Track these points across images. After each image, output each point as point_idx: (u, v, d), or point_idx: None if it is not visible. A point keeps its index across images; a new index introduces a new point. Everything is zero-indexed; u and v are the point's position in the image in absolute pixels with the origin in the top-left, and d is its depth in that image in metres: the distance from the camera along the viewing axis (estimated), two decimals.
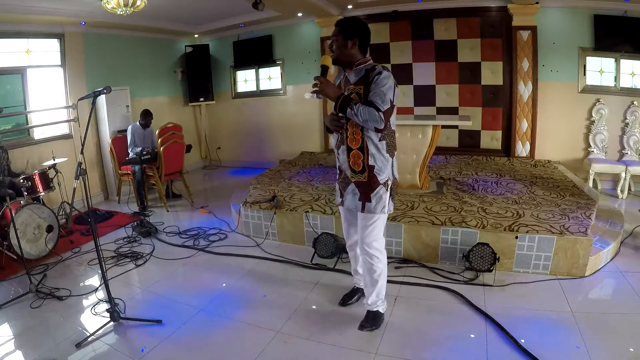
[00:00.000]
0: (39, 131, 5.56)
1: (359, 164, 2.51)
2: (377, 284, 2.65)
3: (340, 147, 2.59)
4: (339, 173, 2.70)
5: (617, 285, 3.19)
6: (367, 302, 2.72)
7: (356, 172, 2.54)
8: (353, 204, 2.59)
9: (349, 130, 2.49)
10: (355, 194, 2.56)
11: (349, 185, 2.60)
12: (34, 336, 2.78)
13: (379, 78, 2.35)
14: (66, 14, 5.18)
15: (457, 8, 6.18)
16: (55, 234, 4.17)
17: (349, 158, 2.54)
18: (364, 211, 2.53)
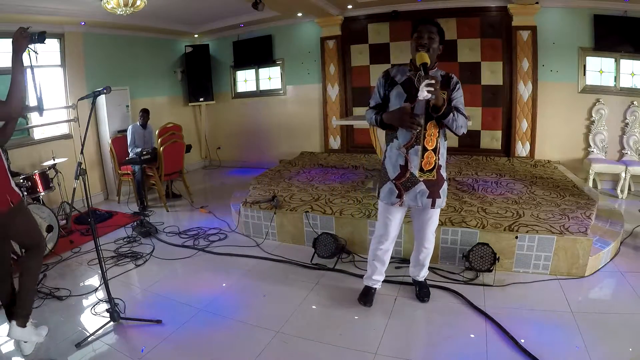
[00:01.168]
0: (39, 131, 5.56)
1: (430, 164, 2.57)
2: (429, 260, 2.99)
3: (414, 147, 2.55)
4: (400, 173, 2.62)
5: (617, 285, 3.19)
6: (420, 275, 3.06)
7: (425, 171, 2.58)
8: (420, 202, 2.64)
9: (427, 132, 2.52)
10: (424, 193, 2.62)
11: (415, 184, 2.61)
12: None
13: (459, 86, 2.55)
14: (66, 14, 5.18)
15: (457, 8, 6.18)
16: (55, 234, 4.17)
17: (422, 158, 2.56)
18: (434, 207, 2.67)
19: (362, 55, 6.96)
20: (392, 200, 2.67)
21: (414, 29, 2.53)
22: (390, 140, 2.64)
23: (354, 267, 3.62)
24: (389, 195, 2.68)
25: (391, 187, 2.66)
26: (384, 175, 2.72)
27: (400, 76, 2.56)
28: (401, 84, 2.54)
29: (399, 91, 2.54)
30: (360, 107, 7.11)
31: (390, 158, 2.64)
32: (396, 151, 2.60)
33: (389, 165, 2.66)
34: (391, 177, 2.65)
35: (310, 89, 7.39)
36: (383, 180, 2.72)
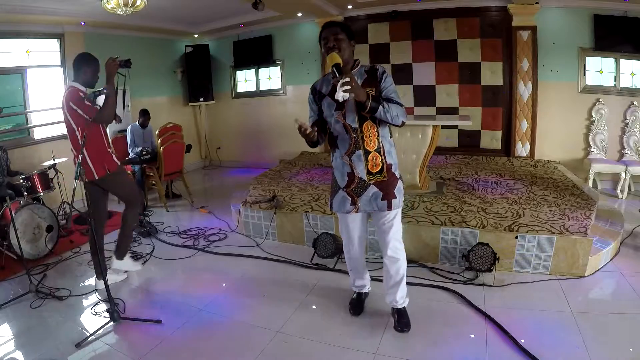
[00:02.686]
0: (39, 131, 5.56)
1: (377, 165, 2.48)
2: (404, 279, 2.72)
3: (355, 153, 2.47)
4: (348, 180, 2.54)
5: (617, 285, 3.19)
6: (397, 300, 2.73)
7: (374, 173, 2.48)
8: (375, 205, 2.53)
9: (364, 134, 2.43)
10: (378, 195, 2.51)
11: (366, 189, 2.51)
12: (34, 336, 2.78)
13: (386, 76, 2.43)
14: (66, 14, 5.18)
15: (457, 8, 6.18)
16: (55, 234, 4.18)
17: (367, 162, 2.47)
18: (391, 209, 2.53)
19: (362, 56, 6.94)
20: (347, 208, 2.58)
21: (319, 36, 2.51)
22: (332, 149, 2.58)
23: None
24: (342, 204, 2.59)
25: (343, 195, 2.57)
26: (334, 184, 2.63)
27: (325, 86, 2.51)
28: (328, 94, 2.47)
29: (328, 102, 2.46)
30: None
31: (337, 167, 2.57)
32: (340, 160, 2.53)
33: (337, 174, 2.58)
34: (341, 186, 2.57)
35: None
36: (334, 190, 2.63)
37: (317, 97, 2.54)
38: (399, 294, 2.72)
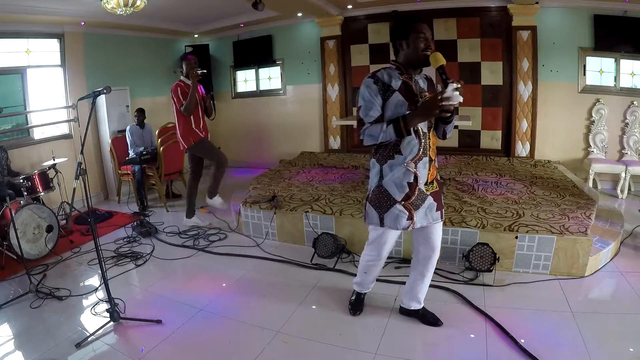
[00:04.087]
0: (38, 131, 5.56)
1: (433, 174, 2.39)
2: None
3: (422, 160, 2.30)
4: (408, 192, 2.33)
5: (617, 285, 3.19)
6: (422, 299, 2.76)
7: (429, 183, 2.37)
8: (430, 217, 2.42)
9: (431, 140, 2.33)
10: (432, 207, 2.41)
11: (424, 200, 2.37)
12: (34, 336, 2.78)
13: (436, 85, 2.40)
14: (66, 14, 5.18)
15: (457, 8, 6.18)
16: (55, 234, 4.18)
17: (429, 170, 2.34)
18: (442, 218, 2.49)
19: (362, 56, 6.96)
20: (403, 224, 2.37)
21: (409, 28, 2.23)
22: (389, 156, 2.32)
23: (353, 267, 3.61)
24: (397, 220, 2.36)
25: (400, 210, 2.35)
26: (384, 198, 2.36)
27: (395, 81, 2.24)
28: (398, 90, 2.23)
29: (399, 99, 2.23)
30: None
31: (395, 177, 2.32)
32: (403, 168, 2.30)
33: (392, 186, 2.33)
34: (398, 199, 2.34)
35: (310, 89, 7.38)
36: (386, 204, 2.36)
37: (384, 90, 2.24)
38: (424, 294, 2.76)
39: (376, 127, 2.20)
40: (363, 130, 2.25)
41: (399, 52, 2.31)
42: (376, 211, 2.41)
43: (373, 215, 2.43)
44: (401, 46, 2.28)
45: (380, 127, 2.19)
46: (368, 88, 2.25)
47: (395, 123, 2.16)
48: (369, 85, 2.25)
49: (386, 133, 2.18)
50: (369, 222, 2.48)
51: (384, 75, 2.26)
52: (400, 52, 2.30)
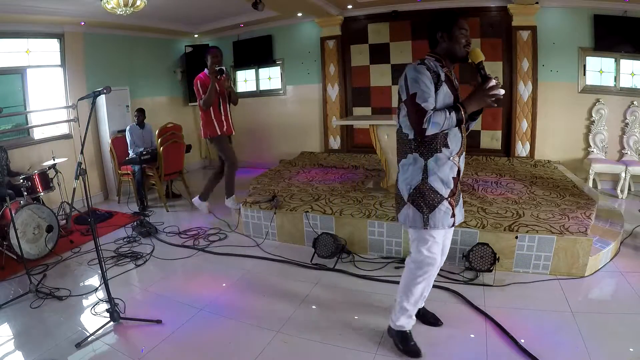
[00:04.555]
0: (38, 131, 5.56)
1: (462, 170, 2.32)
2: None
3: (463, 154, 2.26)
4: (453, 187, 2.25)
5: (617, 285, 3.19)
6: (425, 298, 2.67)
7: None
8: (462, 215, 2.38)
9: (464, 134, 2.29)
10: (462, 203, 2.37)
11: (460, 195, 2.33)
12: (34, 336, 2.78)
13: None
14: (66, 14, 5.18)
15: (457, 8, 6.15)
16: (55, 234, 4.17)
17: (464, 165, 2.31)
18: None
19: (362, 56, 6.96)
20: (449, 222, 2.25)
21: (452, 22, 2.21)
22: (436, 150, 2.18)
23: (353, 267, 3.62)
24: (444, 218, 2.23)
25: (446, 207, 2.23)
26: (431, 195, 2.21)
27: (441, 73, 2.18)
28: (445, 81, 2.18)
29: (446, 91, 2.17)
30: (360, 107, 7.11)
31: (442, 171, 2.20)
32: (449, 162, 2.21)
33: (437, 183, 2.20)
34: (445, 195, 2.22)
35: (310, 89, 7.38)
36: (433, 202, 2.21)
37: (436, 80, 2.15)
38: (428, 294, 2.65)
39: (440, 114, 2.07)
40: (428, 118, 2.06)
41: (439, 44, 2.25)
42: (420, 212, 2.22)
43: (417, 217, 2.23)
44: (442, 38, 2.23)
45: (445, 114, 2.07)
46: (422, 74, 2.12)
47: (457, 110, 2.09)
48: (422, 71, 2.13)
49: (449, 120, 2.07)
50: (412, 225, 2.27)
51: (432, 65, 2.19)
52: (440, 44, 2.25)
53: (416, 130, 2.12)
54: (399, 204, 2.33)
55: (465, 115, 2.11)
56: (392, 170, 4.62)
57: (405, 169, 2.27)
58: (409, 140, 2.22)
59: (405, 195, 2.26)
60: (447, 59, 2.26)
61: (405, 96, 2.16)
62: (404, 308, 2.41)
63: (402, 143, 2.29)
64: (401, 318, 2.43)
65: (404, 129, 2.26)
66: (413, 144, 2.21)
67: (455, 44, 2.22)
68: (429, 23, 2.29)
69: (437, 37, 2.24)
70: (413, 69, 2.14)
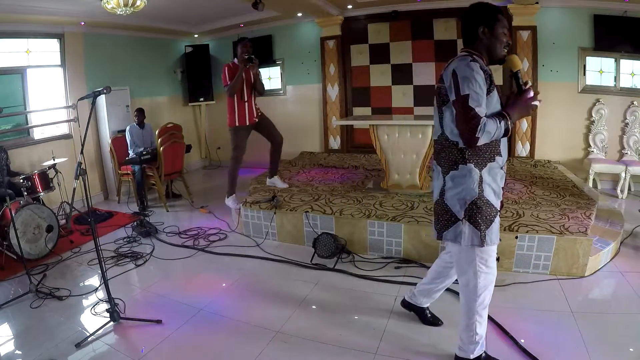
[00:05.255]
0: (38, 131, 5.56)
1: None
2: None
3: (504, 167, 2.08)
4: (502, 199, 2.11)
5: (617, 285, 3.19)
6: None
7: None
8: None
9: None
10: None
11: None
12: (34, 336, 2.77)
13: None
14: (66, 14, 5.18)
15: (457, 8, 6.16)
16: (55, 234, 4.17)
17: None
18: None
19: (362, 56, 6.96)
20: (497, 238, 2.07)
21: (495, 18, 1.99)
22: (490, 159, 2.00)
23: (353, 267, 3.62)
24: (497, 233, 2.07)
25: (498, 220, 2.08)
26: (487, 211, 2.02)
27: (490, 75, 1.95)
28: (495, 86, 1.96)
29: (497, 97, 1.97)
30: (360, 107, 7.11)
31: (493, 183, 2.04)
32: (500, 171, 2.05)
33: (492, 196, 2.03)
34: (498, 208, 2.07)
35: (310, 89, 7.38)
36: (489, 217, 2.02)
37: (489, 82, 1.93)
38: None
39: (492, 122, 1.87)
40: (482, 126, 1.84)
41: (478, 40, 2.02)
42: (478, 229, 2.00)
43: (474, 235, 2.00)
44: (483, 33, 2.00)
45: (496, 123, 1.87)
46: (477, 74, 1.88)
47: (505, 120, 1.91)
48: (476, 70, 1.88)
49: (499, 130, 1.89)
50: (468, 243, 2.02)
51: (481, 61, 1.96)
52: (480, 40, 2.02)
53: (466, 138, 1.89)
54: (447, 220, 2.07)
55: (511, 125, 1.92)
56: (392, 170, 4.63)
57: (457, 182, 2.02)
58: (460, 149, 1.98)
59: (460, 212, 2.02)
60: (486, 58, 2.04)
61: (453, 96, 1.92)
62: (479, 335, 2.17)
63: (450, 151, 2.03)
64: (477, 349, 2.20)
65: (451, 136, 2.01)
66: (466, 153, 1.98)
67: (497, 42, 2.00)
68: (466, 15, 2.07)
69: (477, 32, 2.01)
70: (465, 65, 1.90)
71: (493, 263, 2.10)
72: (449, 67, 1.99)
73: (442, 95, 2.02)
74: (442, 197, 2.09)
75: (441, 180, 2.10)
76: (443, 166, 2.08)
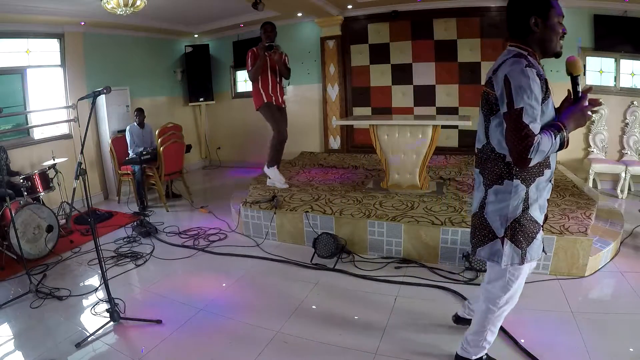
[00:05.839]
0: (38, 131, 5.56)
1: None
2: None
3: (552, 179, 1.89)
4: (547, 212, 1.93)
5: (617, 285, 3.19)
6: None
7: None
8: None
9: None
10: None
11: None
12: (34, 336, 2.78)
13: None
14: (66, 14, 5.18)
15: (457, 8, 6.18)
16: (55, 234, 4.17)
17: None
18: None
19: (362, 56, 6.96)
20: (541, 252, 1.92)
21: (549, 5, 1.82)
22: (539, 173, 1.80)
23: (354, 267, 3.62)
24: (539, 247, 1.90)
25: (541, 236, 1.90)
26: (529, 228, 1.84)
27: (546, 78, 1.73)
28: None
29: (551, 106, 1.79)
30: (360, 107, 7.11)
31: (541, 198, 1.85)
32: (548, 185, 1.86)
33: (536, 212, 1.85)
34: (541, 223, 1.88)
35: (310, 89, 7.38)
36: (532, 232, 1.84)
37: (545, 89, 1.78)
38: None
39: (546, 140, 1.64)
40: (535, 146, 1.61)
41: (531, 33, 1.83)
42: (519, 247, 1.83)
43: (515, 254, 1.84)
44: (536, 25, 1.79)
45: (551, 140, 1.65)
46: (533, 82, 1.66)
47: (561, 132, 1.69)
48: (532, 78, 1.67)
49: (554, 146, 1.68)
50: (507, 262, 1.86)
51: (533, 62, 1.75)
52: (533, 34, 1.83)
53: (516, 158, 1.66)
54: (484, 237, 1.92)
55: (567, 137, 1.69)
56: (392, 170, 4.63)
57: (501, 198, 1.84)
58: (507, 162, 1.79)
59: (500, 230, 1.85)
60: (539, 53, 1.83)
61: (505, 108, 1.68)
62: (487, 342, 2.12)
63: (496, 164, 1.84)
64: (480, 353, 2.16)
65: (498, 148, 1.81)
66: (514, 169, 1.78)
67: (552, 33, 1.80)
68: (513, 3, 1.87)
69: (529, 24, 1.79)
70: (520, 72, 1.67)
71: (523, 279, 1.96)
72: (499, 72, 1.75)
73: (490, 103, 1.78)
74: (482, 210, 1.92)
75: (482, 191, 1.93)
76: (486, 177, 1.90)
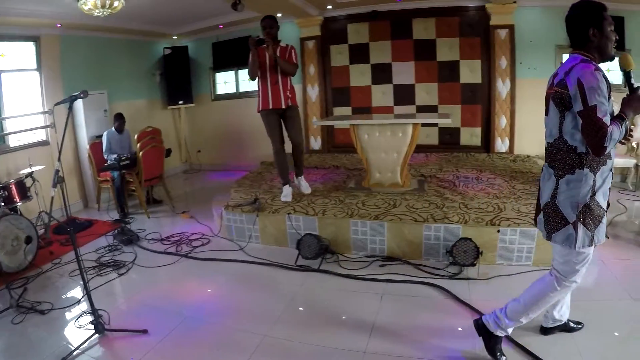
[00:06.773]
0: (14, 138, 5.41)
1: None
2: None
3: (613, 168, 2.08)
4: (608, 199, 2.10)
5: (598, 273, 3.27)
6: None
7: None
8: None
9: None
10: None
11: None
12: (18, 353, 2.69)
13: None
14: (42, 16, 5.04)
15: (436, 8, 6.25)
16: (35, 245, 4.05)
17: None
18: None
19: (341, 56, 6.98)
20: (604, 236, 2.09)
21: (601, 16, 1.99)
22: (603, 162, 2.01)
23: (338, 267, 3.63)
24: (604, 232, 2.08)
25: (605, 220, 2.07)
26: (597, 212, 2.02)
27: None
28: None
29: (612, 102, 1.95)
30: (340, 107, 7.12)
31: (605, 184, 2.04)
32: (609, 173, 2.05)
33: (601, 197, 2.03)
34: (605, 208, 2.06)
35: None
36: (598, 219, 2.03)
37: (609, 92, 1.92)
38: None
39: (616, 129, 1.85)
40: (609, 135, 1.83)
41: (590, 43, 2.04)
42: (590, 230, 2.02)
43: (586, 237, 2.02)
44: (594, 35, 2.00)
45: (619, 128, 1.86)
46: (602, 83, 1.88)
47: (625, 122, 1.90)
48: (601, 79, 1.88)
49: (622, 134, 1.89)
50: (581, 245, 2.03)
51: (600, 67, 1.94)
52: (591, 43, 2.03)
53: (595, 148, 1.88)
54: (557, 223, 2.09)
55: (627, 126, 1.91)
56: (373, 169, 4.64)
57: (572, 186, 2.03)
58: (578, 153, 2.01)
59: (572, 215, 2.03)
60: (597, 59, 2.04)
61: (580, 106, 1.90)
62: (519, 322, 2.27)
63: (568, 155, 2.08)
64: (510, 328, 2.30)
65: (571, 140, 2.05)
66: (585, 158, 1.99)
67: (608, 41, 2.00)
68: (572, 17, 2.11)
69: (589, 35, 2.02)
70: (590, 74, 1.89)
71: (589, 261, 2.12)
72: (572, 74, 1.98)
73: (564, 102, 2.04)
74: (554, 199, 2.12)
75: (553, 182, 2.14)
76: (558, 169, 2.13)
